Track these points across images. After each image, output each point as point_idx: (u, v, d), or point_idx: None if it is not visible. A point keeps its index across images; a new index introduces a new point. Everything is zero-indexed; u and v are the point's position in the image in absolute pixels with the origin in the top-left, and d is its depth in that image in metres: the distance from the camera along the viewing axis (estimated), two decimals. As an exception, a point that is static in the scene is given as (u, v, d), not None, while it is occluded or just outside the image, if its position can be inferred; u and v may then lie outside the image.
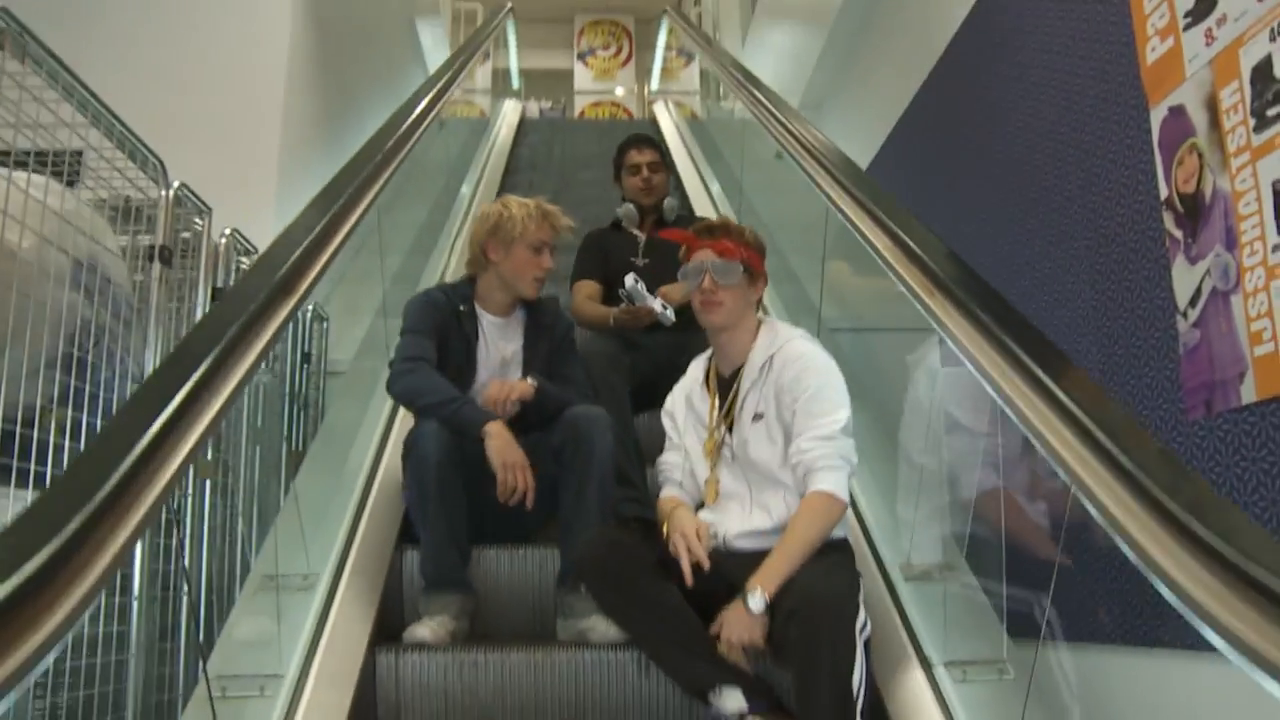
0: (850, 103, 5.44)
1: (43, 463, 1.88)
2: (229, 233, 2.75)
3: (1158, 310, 2.15)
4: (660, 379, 2.49)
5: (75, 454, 1.92)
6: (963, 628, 2.01)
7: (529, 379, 2.47)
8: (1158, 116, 2.16)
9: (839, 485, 2.01)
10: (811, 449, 2.03)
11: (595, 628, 2.21)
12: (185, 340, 1.51)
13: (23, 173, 1.91)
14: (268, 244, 1.93)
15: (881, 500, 2.54)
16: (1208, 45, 1.98)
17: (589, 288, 3.26)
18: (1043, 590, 1.67)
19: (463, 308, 2.56)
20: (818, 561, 1.96)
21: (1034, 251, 2.77)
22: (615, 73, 13.62)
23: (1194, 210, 2.02)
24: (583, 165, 6.28)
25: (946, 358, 2.17)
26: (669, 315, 2.94)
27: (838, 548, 2.08)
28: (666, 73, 9.83)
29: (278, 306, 1.69)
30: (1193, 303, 2.02)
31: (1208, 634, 0.99)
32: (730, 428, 2.19)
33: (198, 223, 2.60)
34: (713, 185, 5.39)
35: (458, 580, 2.34)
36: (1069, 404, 1.36)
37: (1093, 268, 2.44)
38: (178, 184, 2.46)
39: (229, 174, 3.30)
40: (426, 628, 2.23)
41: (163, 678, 2.29)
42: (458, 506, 2.31)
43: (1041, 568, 1.74)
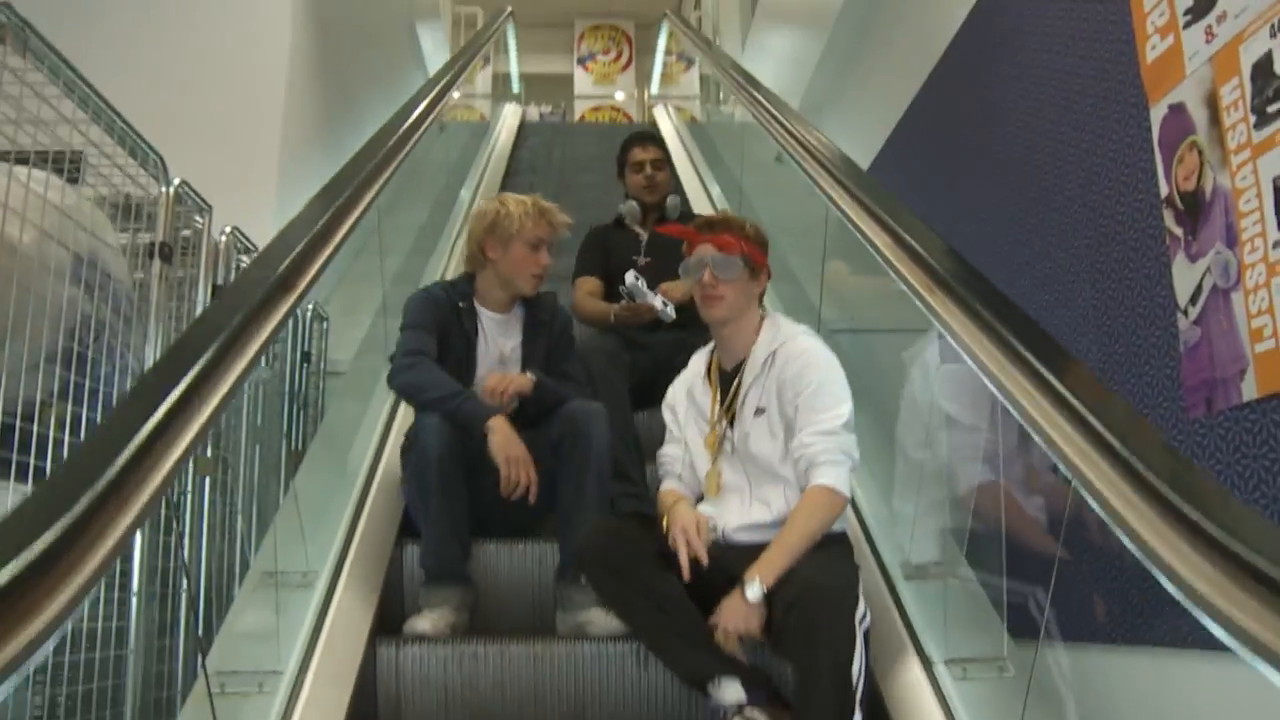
0: (850, 105, 5.45)
1: (42, 457, 1.88)
2: (229, 231, 2.75)
3: (1158, 308, 2.15)
4: (660, 377, 2.50)
5: (75, 448, 1.92)
6: (963, 625, 2.01)
7: (528, 373, 2.47)
8: (1158, 114, 2.16)
9: (840, 480, 2.02)
10: (813, 443, 2.03)
11: (594, 620, 2.22)
12: (187, 332, 1.51)
13: (23, 167, 1.91)
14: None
15: (881, 500, 2.55)
16: (1208, 42, 1.98)
17: (590, 284, 3.26)
18: (1042, 587, 1.67)
19: (462, 304, 2.57)
20: (817, 554, 1.96)
21: (1034, 251, 2.77)
22: (615, 77, 13.64)
23: (1194, 208, 2.02)
24: (582, 168, 6.27)
25: (944, 354, 2.17)
26: (669, 312, 2.94)
27: (837, 541, 2.08)
28: (666, 78, 9.83)
29: (278, 302, 1.69)
30: (1193, 300, 2.02)
31: (1208, 624, 0.99)
32: (731, 421, 2.19)
33: (198, 220, 2.60)
34: (713, 189, 5.40)
35: (458, 573, 2.34)
36: (1070, 397, 1.36)
37: (1093, 266, 2.44)
38: (178, 181, 2.46)
39: (229, 175, 3.29)
40: (427, 620, 2.23)
41: (161, 674, 2.28)
42: (459, 500, 2.31)
43: (1041, 565, 1.74)
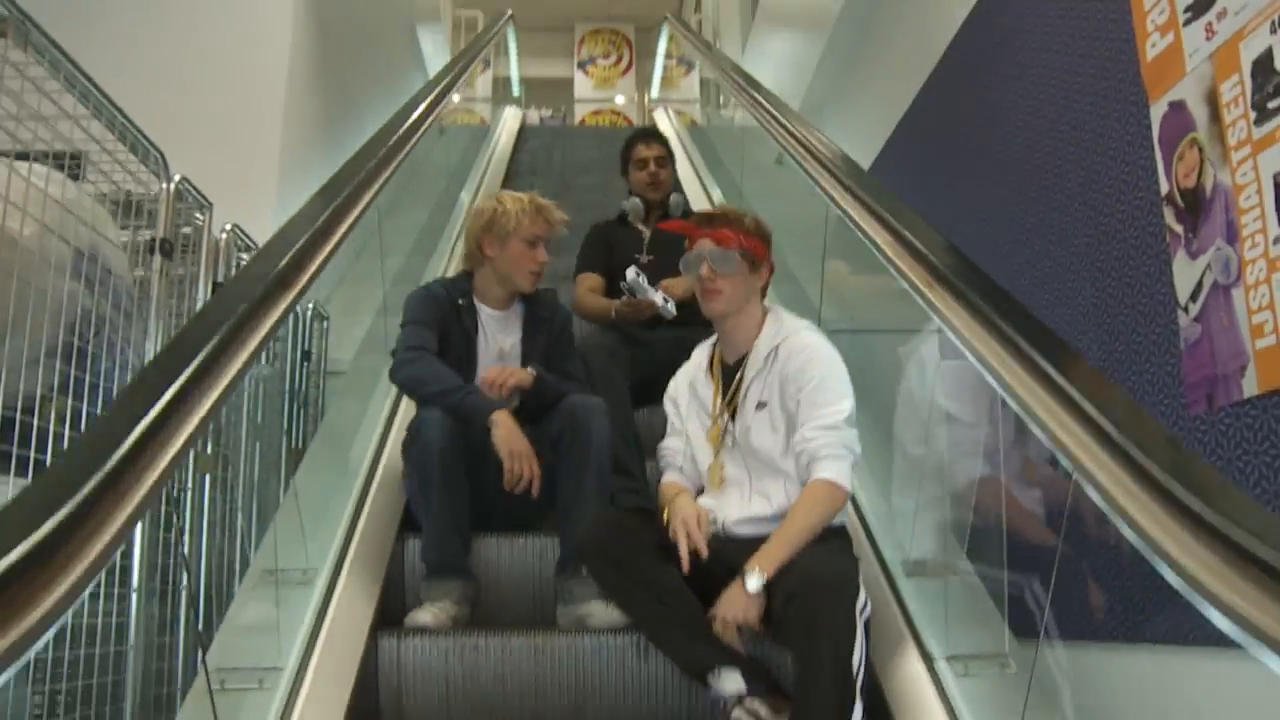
0: (851, 107, 5.45)
1: (42, 450, 1.88)
2: (230, 228, 2.75)
3: (1159, 305, 2.15)
4: (660, 374, 2.49)
5: (75, 440, 1.92)
6: (964, 622, 2.00)
7: (529, 368, 2.48)
8: (1158, 112, 2.16)
9: (842, 474, 2.02)
10: (815, 438, 2.04)
11: (594, 613, 2.22)
12: (188, 326, 1.51)
13: (24, 162, 1.92)
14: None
15: (882, 498, 2.55)
16: (1208, 39, 1.99)
17: (592, 280, 3.26)
18: (1044, 584, 1.67)
19: (461, 302, 2.58)
20: (818, 546, 1.97)
21: (1035, 249, 2.77)
22: (615, 81, 13.65)
23: (1194, 205, 2.02)
24: (582, 170, 6.27)
25: (943, 351, 2.17)
26: (670, 309, 2.94)
27: (837, 534, 2.09)
28: (667, 81, 9.84)
29: (278, 298, 1.70)
30: (1194, 297, 2.02)
31: (1210, 613, 0.99)
32: (733, 415, 2.20)
33: (199, 217, 2.60)
34: (713, 192, 5.40)
35: (460, 567, 2.34)
36: (1070, 390, 1.36)
37: (1093, 264, 2.44)
38: (179, 178, 2.46)
39: (229, 175, 3.30)
40: (428, 613, 2.23)
41: (162, 671, 2.28)
42: (461, 493, 2.32)
43: (1042, 562, 1.74)
